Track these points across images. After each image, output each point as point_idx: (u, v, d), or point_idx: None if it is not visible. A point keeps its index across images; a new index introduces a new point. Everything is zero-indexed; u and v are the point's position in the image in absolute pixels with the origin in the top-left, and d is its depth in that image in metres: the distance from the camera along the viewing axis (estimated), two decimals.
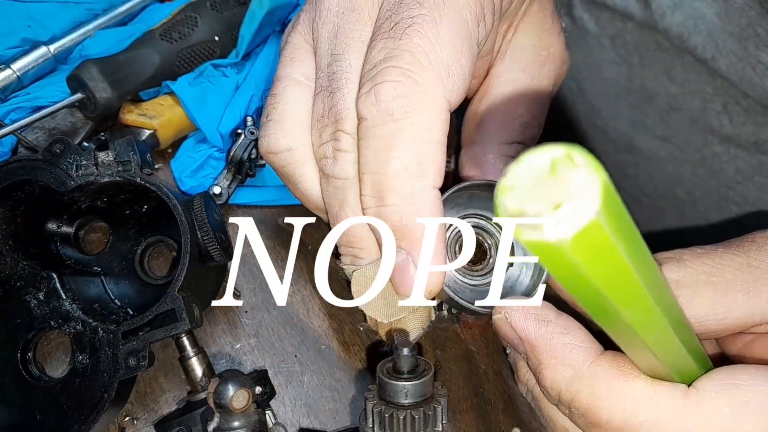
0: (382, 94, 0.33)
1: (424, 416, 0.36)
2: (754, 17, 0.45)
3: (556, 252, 0.14)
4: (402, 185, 0.34)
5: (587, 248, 0.15)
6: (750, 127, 0.49)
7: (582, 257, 0.15)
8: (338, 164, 0.37)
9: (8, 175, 0.41)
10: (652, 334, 0.24)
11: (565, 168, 0.14)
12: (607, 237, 0.15)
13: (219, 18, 0.57)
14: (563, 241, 0.14)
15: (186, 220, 0.40)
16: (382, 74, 0.33)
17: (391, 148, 0.33)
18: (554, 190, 0.14)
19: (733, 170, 0.52)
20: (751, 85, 0.47)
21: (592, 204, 0.14)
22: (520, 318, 0.33)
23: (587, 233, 0.14)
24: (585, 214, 0.14)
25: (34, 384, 0.42)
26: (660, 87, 0.55)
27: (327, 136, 0.38)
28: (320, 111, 0.38)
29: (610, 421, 0.29)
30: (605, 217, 0.14)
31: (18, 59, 0.53)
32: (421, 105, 0.33)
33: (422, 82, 0.33)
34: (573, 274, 0.16)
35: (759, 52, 0.46)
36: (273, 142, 0.40)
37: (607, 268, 0.16)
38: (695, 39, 0.49)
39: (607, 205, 0.14)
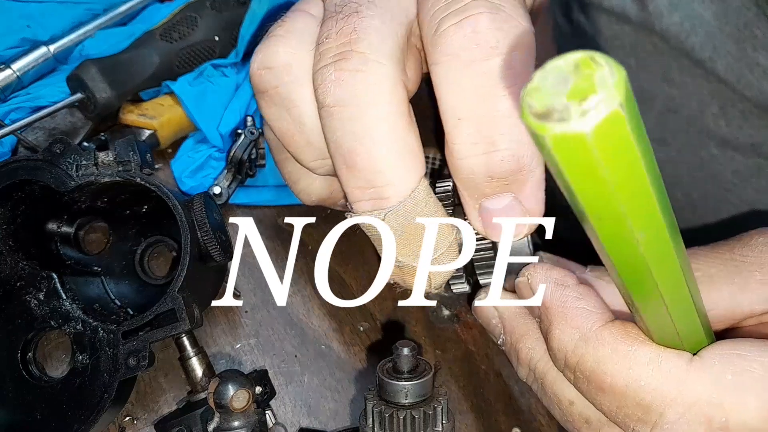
0: (481, 24, 0.30)
1: (424, 416, 0.36)
2: (752, 18, 0.45)
3: (578, 144, 0.15)
4: (515, 127, 0.30)
5: (608, 140, 0.16)
6: (747, 129, 0.50)
7: (602, 150, 0.16)
8: (346, 86, 0.31)
9: (8, 175, 0.41)
10: (665, 273, 0.24)
11: (587, 68, 0.15)
12: (626, 131, 0.16)
13: (219, 18, 0.57)
14: (588, 130, 0.15)
15: (186, 220, 0.40)
16: (474, 5, 0.30)
17: (498, 86, 0.30)
18: (579, 86, 0.15)
19: (730, 173, 0.52)
20: (749, 86, 0.47)
21: (615, 95, 0.15)
22: (541, 280, 0.33)
23: (610, 122, 0.15)
24: (609, 103, 0.15)
25: (34, 384, 0.42)
26: (657, 89, 0.55)
27: (328, 59, 0.32)
28: (325, 33, 0.34)
29: (612, 384, 0.29)
30: (626, 110, 0.15)
31: (18, 59, 0.53)
32: (519, 39, 0.30)
33: (514, 16, 0.30)
34: (591, 174, 0.17)
35: (756, 53, 0.46)
36: (272, 54, 0.35)
37: (623, 168, 0.17)
38: (692, 40, 0.49)
39: (628, 101, 0.15)
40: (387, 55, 0.32)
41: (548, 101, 0.15)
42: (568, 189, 0.19)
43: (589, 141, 0.15)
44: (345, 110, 0.32)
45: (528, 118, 0.16)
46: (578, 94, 0.15)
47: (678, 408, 0.28)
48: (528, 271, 0.34)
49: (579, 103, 0.15)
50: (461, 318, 0.48)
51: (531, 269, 0.34)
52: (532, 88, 0.16)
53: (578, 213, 0.21)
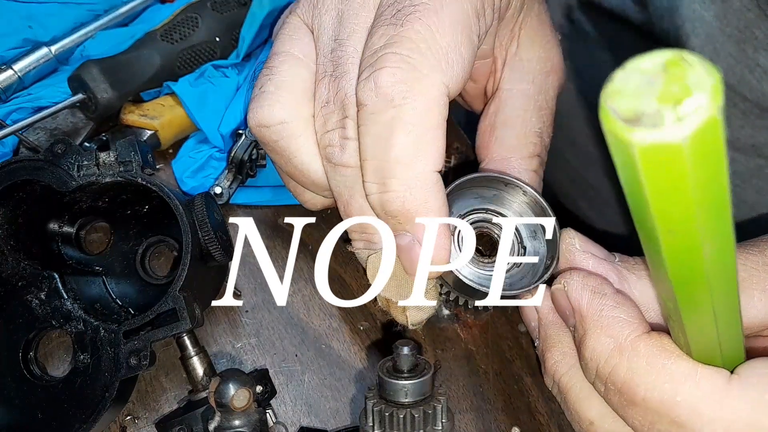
0: (381, 79, 0.33)
1: (423, 415, 0.36)
2: (752, 19, 0.45)
3: (671, 154, 0.14)
4: (403, 171, 0.34)
5: (703, 149, 0.14)
6: (748, 130, 0.50)
7: (696, 160, 0.14)
8: (346, 152, 0.36)
9: (10, 176, 0.41)
10: (722, 286, 0.23)
11: (678, 68, 0.14)
12: (721, 139, 0.14)
13: (220, 19, 0.57)
14: (684, 138, 0.13)
15: (187, 220, 0.40)
16: (381, 60, 0.34)
17: (391, 134, 0.33)
18: (670, 89, 0.13)
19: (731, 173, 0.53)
20: (749, 88, 0.47)
21: (714, 98, 0.13)
22: (577, 288, 0.33)
23: (707, 130, 0.13)
24: (708, 107, 0.13)
25: (36, 383, 0.42)
26: None
27: (333, 123, 0.37)
28: (324, 97, 0.38)
29: (646, 398, 0.28)
30: (721, 116, 0.14)
31: (19, 60, 0.53)
32: (419, 90, 0.33)
33: (421, 68, 0.33)
34: (676, 186, 0.15)
35: (757, 54, 0.46)
36: (266, 113, 0.39)
37: (710, 180, 0.16)
38: (693, 42, 0.49)
39: (722, 107, 0.14)
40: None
41: (636, 105, 0.14)
42: (642, 200, 0.17)
43: (685, 150, 0.14)
44: (344, 170, 0.37)
45: (613, 123, 0.14)
46: (671, 97, 0.13)
47: (716, 427, 0.27)
48: (564, 278, 0.34)
49: (674, 107, 0.13)
50: (461, 318, 0.48)
51: (567, 276, 0.34)
52: (613, 91, 0.14)
53: (642, 223, 0.19)
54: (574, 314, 0.33)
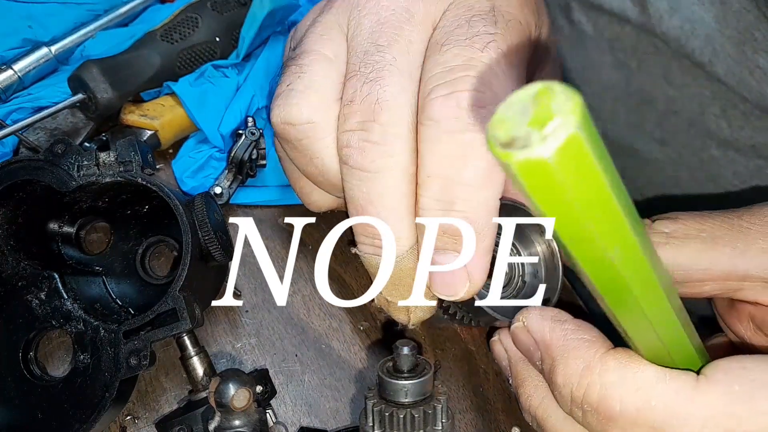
0: (464, 101, 0.33)
1: (424, 415, 0.36)
2: (752, 21, 0.45)
3: (541, 169, 0.16)
4: (473, 194, 0.34)
5: (569, 162, 0.17)
6: (748, 131, 0.50)
7: (565, 172, 0.17)
8: (366, 156, 0.36)
9: (10, 176, 0.41)
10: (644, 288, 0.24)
11: (545, 97, 0.16)
12: (586, 152, 0.17)
13: (220, 19, 0.57)
14: (549, 155, 0.16)
15: (187, 220, 0.40)
16: (463, 81, 0.34)
17: (467, 156, 0.34)
18: (538, 114, 0.16)
19: (730, 174, 0.53)
20: (749, 89, 0.47)
21: (571, 120, 0.16)
22: (537, 320, 0.34)
23: (569, 146, 0.16)
24: (566, 127, 0.16)
25: (36, 383, 0.42)
26: (658, 91, 0.55)
27: (353, 124, 0.36)
28: (349, 95, 0.37)
29: (623, 410, 0.29)
30: (584, 133, 0.16)
31: (19, 60, 0.53)
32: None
33: (501, 97, 0.33)
34: (557, 196, 0.18)
35: (756, 56, 0.46)
36: (294, 112, 0.38)
37: (587, 188, 0.18)
38: (693, 43, 0.49)
39: (585, 125, 0.16)
40: (404, 125, 0.36)
41: (511, 130, 0.16)
42: (539, 212, 0.19)
43: (551, 164, 0.16)
44: (363, 174, 0.36)
45: (494, 147, 0.17)
46: (538, 121, 0.16)
47: (694, 424, 0.28)
48: (522, 315, 0.36)
49: (539, 129, 0.16)
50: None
51: (525, 312, 0.36)
52: (497, 120, 0.17)
53: (554, 236, 0.21)
54: (538, 347, 0.34)
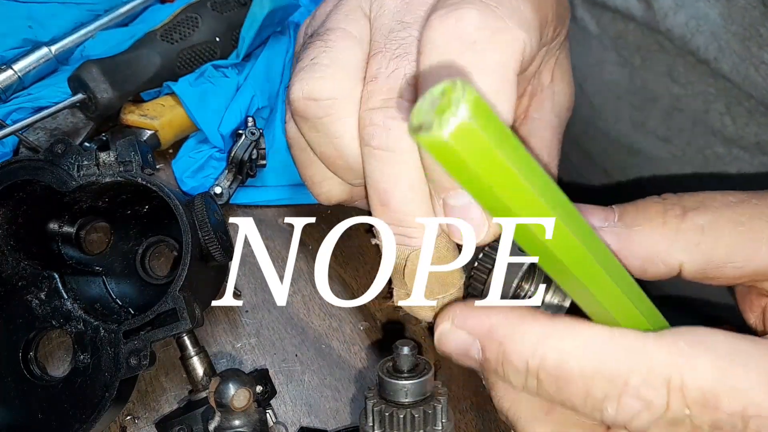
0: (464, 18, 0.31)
1: (424, 415, 0.36)
2: (757, 17, 0.45)
3: (443, 147, 0.20)
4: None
5: (467, 143, 0.20)
6: (753, 128, 0.49)
7: (464, 152, 0.20)
8: (391, 135, 0.33)
9: (10, 176, 0.41)
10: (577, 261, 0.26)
11: (450, 92, 0.20)
12: (480, 136, 0.20)
13: (220, 19, 0.57)
14: (447, 136, 0.19)
15: (187, 220, 0.40)
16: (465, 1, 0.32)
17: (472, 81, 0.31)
18: (442, 105, 0.20)
19: (735, 171, 0.52)
20: (754, 85, 0.47)
21: (464, 110, 0.19)
22: (469, 314, 0.31)
23: (463, 130, 0.19)
24: (460, 116, 0.19)
25: (36, 383, 0.42)
26: (662, 88, 0.55)
27: (377, 101, 0.34)
28: (374, 71, 0.35)
29: (581, 370, 0.29)
30: (477, 120, 0.19)
31: (19, 60, 0.53)
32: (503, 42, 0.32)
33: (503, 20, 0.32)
34: (463, 171, 0.21)
35: (762, 52, 0.46)
36: (318, 86, 0.35)
37: (489, 167, 0.21)
38: (698, 39, 0.49)
39: (479, 113, 0.20)
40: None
41: (422, 118, 0.20)
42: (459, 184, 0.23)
43: (450, 144, 0.20)
44: (387, 155, 0.34)
45: (410, 131, 0.21)
46: (441, 110, 0.20)
47: (640, 372, 0.28)
48: (447, 316, 0.32)
49: (440, 117, 0.19)
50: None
51: (449, 313, 0.32)
52: (415, 110, 0.21)
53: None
54: (476, 340, 0.31)
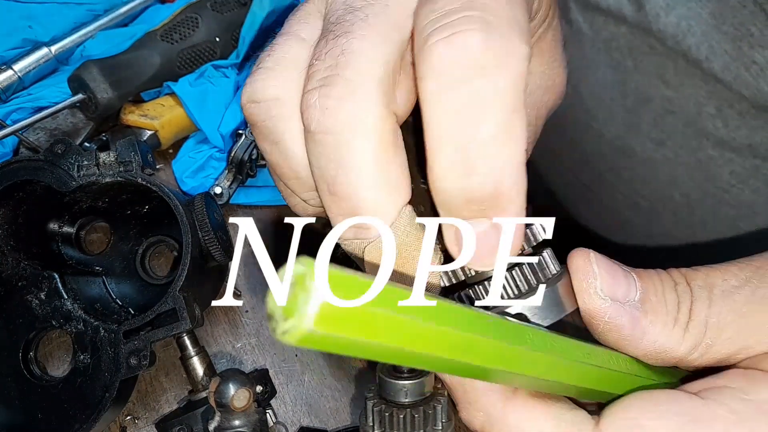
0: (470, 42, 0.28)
1: (424, 415, 0.36)
2: (748, 15, 0.45)
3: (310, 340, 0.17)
4: (495, 152, 0.29)
5: (320, 343, 0.18)
6: (744, 130, 0.50)
7: (325, 347, 0.18)
8: (329, 115, 0.31)
9: (10, 176, 0.41)
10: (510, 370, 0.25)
11: (300, 286, 0.17)
12: (327, 339, 0.17)
13: (220, 19, 0.57)
14: (291, 342, 0.17)
15: (187, 220, 0.40)
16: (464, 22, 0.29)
17: (482, 109, 0.29)
18: (291, 301, 0.17)
19: (727, 174, 0.53)
20: (745, 85, 0.47)
21: (307, 323, 0.17)
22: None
23: (309, 339, 0.17)
24: (299, 330, 0.17)
25: (36, 383, 0.42)
26: (654, 90, 0.55)
27: (314, 82, 0.32)
28: (315, 55, 0.33)
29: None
30: (323, 327, 0.17)
31: (19, 60, 0.53)
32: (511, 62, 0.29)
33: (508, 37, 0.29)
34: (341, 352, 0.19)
35: (753, 52, 0.46)
36: (259, 87, 0.34)
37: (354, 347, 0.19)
38: (689, 40, 0.49)
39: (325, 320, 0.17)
40: (375, 80, 0.31)
41: (273, 305, 0.17)
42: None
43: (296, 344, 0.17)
44: (328, 138, 0.31)
45: (266, 308, 0.18)
46: (286, 311, 0.17)
47: None
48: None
49: (284, 320, 0.17)
50: None
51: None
52: (274, 280, 0.18)
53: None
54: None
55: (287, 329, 0.17)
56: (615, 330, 0.30)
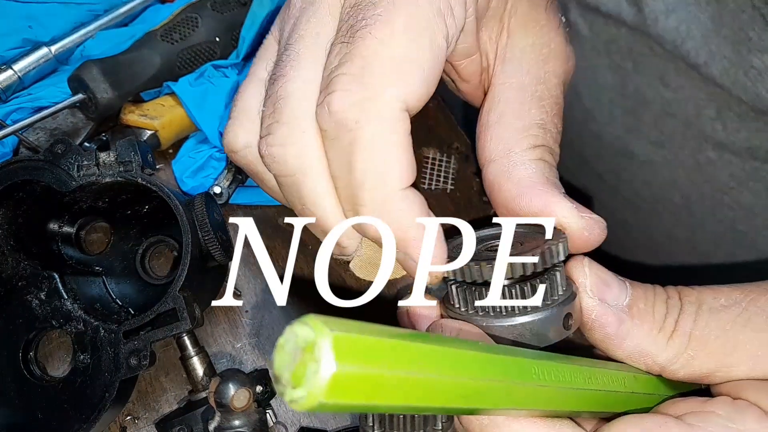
0: (334, 104, 0.32)
1: (423, 415, 0.36)
2: (747, 20, 0.45)
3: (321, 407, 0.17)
4: (369, 194, 0.33)
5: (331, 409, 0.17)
6: (743, 133, 0.50)
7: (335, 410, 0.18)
8: (276, 162, 0.35)
9: (10, 176, 0.41)
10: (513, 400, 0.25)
11: (308, 354, 0.16)
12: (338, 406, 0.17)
13: (220, 19, 0.57)
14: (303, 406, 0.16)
15: (187, 220, 0.40)
16: (333, 83, 0.33)
17: (351, 159, 0.33)
18: (299, 368, 0.16)
19: (726, 176, 0.53)
20: (744, 90, 0.47)
21: (317, 394, 0.16)
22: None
23: (319, 408, 0.16)
24: (311, 399, 0.16)
25: (36, 384, 0.42)
26: (654, 93, 0.55)
27: (264, 130, 0.36)
28: (264, 101, 0.36)
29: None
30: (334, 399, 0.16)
31: (19, 60, 0.53)
32: (372, 112, 0.32)
33: (373, 87, 0.32)
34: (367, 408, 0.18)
35: (751, 56, 0.46)
36: (232, 139, 0.39)
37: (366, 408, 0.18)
38: (688, 44, 0.49)
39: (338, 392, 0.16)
40: (309, 116, 0.34)
41: (281, 369, 0.17)
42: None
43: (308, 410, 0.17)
44: (286, 179, 0.35)
45: (272, 369, 0.17)
46: (295, 378, 0.16)
47: None
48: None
49: (293, 389, 0.16)
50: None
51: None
52: (279, 345, 0.17)
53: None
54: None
55: (296, 399, 0.16)
56: (600, 328, 0.32)
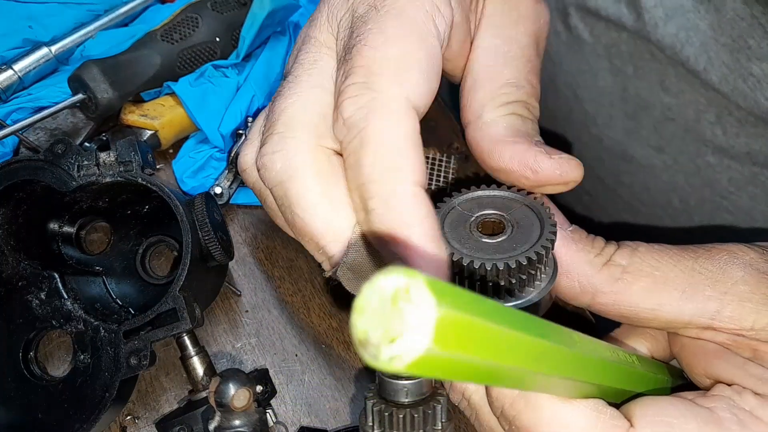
0: (345, 111, 0.34)
1: (423, 415, 0.36)
2: (746, 28, 0.45)
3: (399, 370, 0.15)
4: (378, 188, 0.33)
5: (424, 370, 0.16)
6: (743, 138, 0.50)
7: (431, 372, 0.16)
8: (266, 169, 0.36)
9: (10, 176, 0.41)
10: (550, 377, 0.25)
11: (403, 300, 0.15)
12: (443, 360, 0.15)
13: (220, 19, 0.57)
14: (402, 367, 0.15)
15: (187, 220, 0.41)
16: (342, 94, 0.34)
17: (360, 157, 0.33)
18: (393, 320, 0.15)
19: (726, 180, 0.53)
20: (743, 96, 0.48)
21: (422, 341, 0.14)
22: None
23: (421, 363, 0.15)
24: (414, 349, 0.15)
25: (36, 383, 0.42)
26: (654, 97, 0.55)
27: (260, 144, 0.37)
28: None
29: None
30: (440, 347, 0.15)
31: (19, 60, 0.53)
32: (378, 107, 0.33)
33: (377, 88, 0.33)
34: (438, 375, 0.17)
35: (750, 63, 0.46)
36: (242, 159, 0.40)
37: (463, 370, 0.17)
38: (688, 50, 0.49)
39: (443, 337, 0.15)
40: (303, 126, 0.36)
41: (367, 328, 0.15)
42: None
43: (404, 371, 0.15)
44: (278, 189, 0.36)
45: (354, 335, 0.16)
46: (388, 334, 0.15)
47: None
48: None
49: (389, 345, 0.15)
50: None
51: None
52: (358, 307, 0.16)
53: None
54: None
55: (395, 354, 0.15)
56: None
